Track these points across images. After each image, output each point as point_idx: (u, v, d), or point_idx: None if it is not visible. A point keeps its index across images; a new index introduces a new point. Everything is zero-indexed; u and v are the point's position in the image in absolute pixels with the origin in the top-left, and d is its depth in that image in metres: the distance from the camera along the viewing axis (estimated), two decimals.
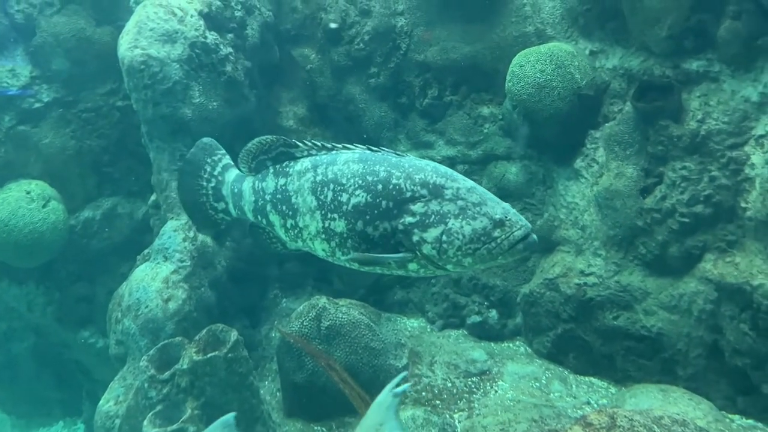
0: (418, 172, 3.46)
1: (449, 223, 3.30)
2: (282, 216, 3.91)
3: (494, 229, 3.24)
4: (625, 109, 5.62)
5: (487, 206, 3.31)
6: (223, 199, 4.27)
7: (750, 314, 4.80)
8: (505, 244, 3.22)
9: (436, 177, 3.42)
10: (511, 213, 3.29)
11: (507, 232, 3.23)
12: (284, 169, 3.90)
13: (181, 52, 5.99)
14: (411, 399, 5.58)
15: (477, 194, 3.36)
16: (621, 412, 3.58)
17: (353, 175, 3.59)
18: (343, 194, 3.59)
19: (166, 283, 5.60)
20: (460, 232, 3.27)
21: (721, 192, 5.05)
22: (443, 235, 3.30)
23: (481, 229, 3.25)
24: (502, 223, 3.24)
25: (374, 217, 3.47)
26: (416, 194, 3.39)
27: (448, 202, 3.34)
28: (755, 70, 5.02)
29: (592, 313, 5.64)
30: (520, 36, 6.47)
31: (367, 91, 7.40)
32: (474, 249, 3.26)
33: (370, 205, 3.49)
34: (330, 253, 3.74)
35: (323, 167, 3.73)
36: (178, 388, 4.81)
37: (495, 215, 3.26)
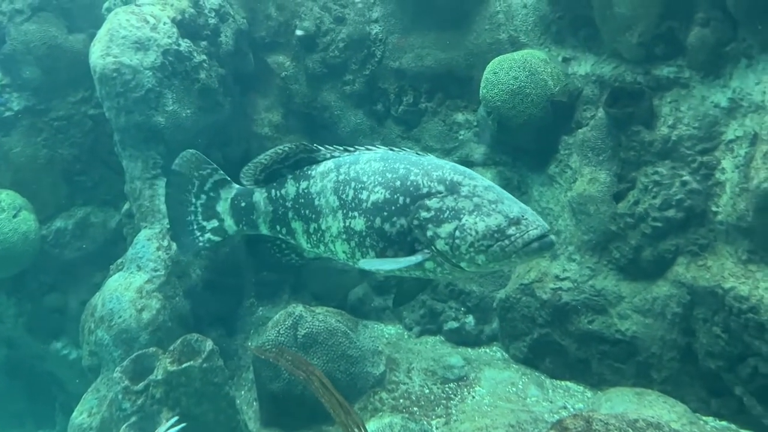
0: (436, 169, 3.49)
1: (463, 218, 3.30)
2: (305, 221, 3.87)
3: (509, 226, 3.22)
4: (597, 115, 5.68)
5: (504, 204, 3.31)
6: (217, 216, 4.13)
7: (722, 317, 4.85)
8: (519, 242, 3.20)
9: (453, 174, 3.44)
10: (529, 213, 3.28)
11: (522, 230, 3.21)
12: (306, 172, 3.88)
13: (154, 59, 5.95)
14: (389, 406, 5.57)
15: (494, 192, 3.37)
16: (596, 416, 3.60)
17: (374, 172, 3.61)
18: (363, 192, 3.61)
19: (139, 292, 5.54)
20: (473, 228, 3.26)
21: (692, 196, 5.11)
22: (456, 230, 3.29)
23: (495, 225, 3.24)
24: (518, 221, 3.23)
25: (391, 213, 3.49)
26: (432, 190, 3.41)
27: (464, 199, 3.35)
28: (724, 76, 5.09)
29: (567, 317, 5.68)
30: (493, 43, 6.52)
31: (343, 98, 7.40)
32: (487, 246, 3.24)
33: (387, 202, 3.51)
34: (350, 255, 3.73)
35: (346, 167, 3.74)
36: (153, 399, 4.76)
37: (510, 213, 3.26)
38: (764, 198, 4.45)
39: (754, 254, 4.75)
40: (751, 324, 4.61)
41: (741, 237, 4.81)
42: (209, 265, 6.34)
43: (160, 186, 5.98)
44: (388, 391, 5.74)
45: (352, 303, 7.34)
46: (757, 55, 4.85)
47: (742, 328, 4.68)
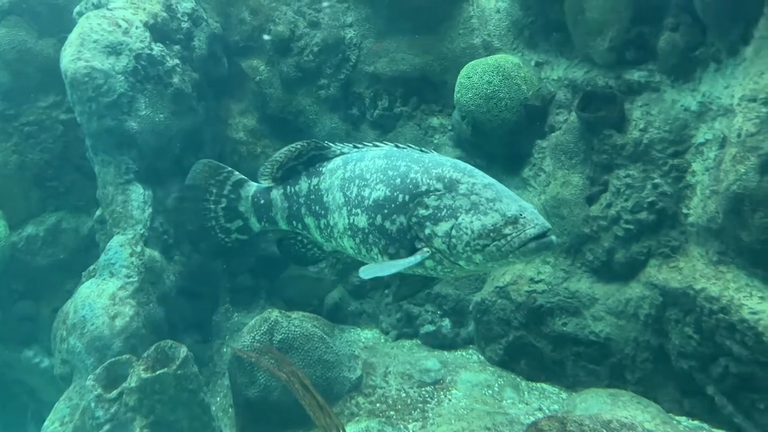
0: (436, 166, 3.47)
1: (460, 217, 3.27)
2: (316, 216, 3.95)
3: (506, 226, 3.17)
4: (570, 119, 5.73)
5: (502, 203, 3.25)
6: (241, 216, 4.26)
7: (694, 318, 4.92)
8: (515, 242, 3.15)
9: (453, 172, 3.42)
10: (528, 211, 3.22)
11: (519, 229, 3.15)
12: (317, 169, 3.96)
13: (126, 63, 5.90)
14: (365, 411, 5.56)
15: (493, 190, 3.32)
16: (571, 417, 3.63)
17: (377, 170, 3.63)
18: (366, 189, 3.64)
19: (112, 299, 5.48)
20: (469, 227, 3.24)
21: (663, 199, 5.18)
22: (453, 229, 3.28)
23: (491, 225, 3.20)
24: (515, 220, 3.18)
25: (391, 211, 3.50)
26: (431, 188, 3.40)
27: (462, 197, 3.32)
28: (694, 80, 5.17)
29: (542, 319, 5.72)
30: (467, 48, 6.55)
31: (318, 102, 7.39)
32: (483, 245, 3.21)
33: (388, 199, 3.53)
34: (357, 251, 3.76)
35: (352, 164, 3.78)
36: (127, 406, 4.71)
37: (508, 212, 3.20)
38: (734, 200, 4.52)
39: (724, 255, 4.82)
40: (722, 324, 4.67)
41: (711, 238, 4.88)
42: (183, 271, 6.29)
43: (133, 191, 5.93)
44: (365, 396, 5.74)
45: (329, 307, 7.33)
46: (725, 60, 4.93)
47: (714, 329, 4.74)
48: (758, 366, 4.51)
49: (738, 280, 4.71)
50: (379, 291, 7.31)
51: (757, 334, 4.44)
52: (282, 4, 7.37)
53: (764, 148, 4.31)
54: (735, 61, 4.84)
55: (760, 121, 4.36)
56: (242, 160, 7.46)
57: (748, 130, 4.43)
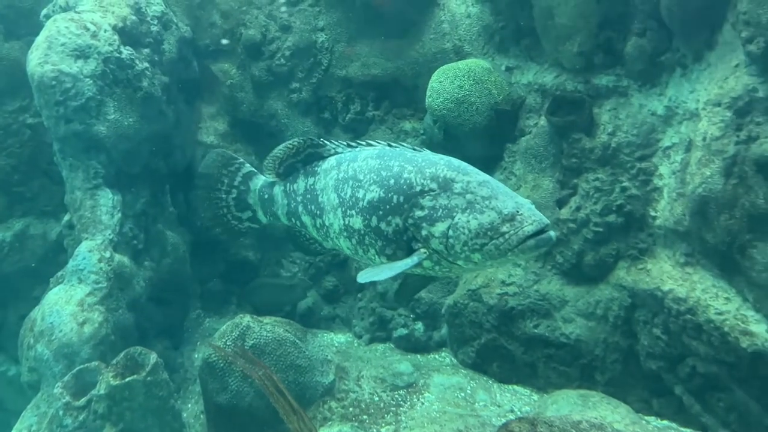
0: (430, 166, 3.43)
1: (456, 217, 3.22)
2: (312, 216, 3.94)
3: (503, 223, 3.12)
4: (540, 123, 5.79)
5: (498, 200, 3.20)
6: (250, 207, 4.32)
7: (662, 319, 4.99)
8: (513, 240, 3.09)
9: (447, 171, 3.37)
10: (525, 207, 3.16)
11: (516, 227, 3.10)
12: (313, 168, 3.94)
13: (95, 67, 5.83)
14: (338, 415, 5.55)
15: (488, 188, 3.27)
16: (541, 418, 3.65)
17: (370, 170, 3.59)
18: (360, 190, 3.61)
19: (81, 306, 5.39)
20: (466, 226, 3.18)
21: (631, 202, 5.25)
22: (450, 229, 3.23)
23: (488, 223, 3.14)
24: (512, 217, 3.12)
25: (386, 212, 3.46)
26: (426, 188, 3.36)
27: (457, 196, 3.27)
28: (660, 84, 5.25)
29: (513, 322, 5.76)
30: (438, 52, 6.59)
31: (290, 106, 7.38)
32: (481, 244, 3.16)
33: (382, 201, 3.48)
34: (354, 251, 3.73)
35: (346, 164, 3.75)
36: (96, 414, 4.65)
37: (504, 209, 3.14)
38: (699, 203, 4.60)
39: (691, 257, 4.90)
40: (690, 325, 4.75)
41: (678, 240, 4.97)
42: (153, 276, 6.22)
43: (101, 196, 5.86)
44: (338, 400, 5.72)
45: (302, 312, 7.31)
46: (691, 65, 5.02)
47: (681, 329, 4.82)
48: (724, 366, 4.59)
49: (704, 281, 4.79)
50: (352, 295, 7.31)
51: (723, 334, 4.52)
52: (253, 7, 7.35)
53: (729, 152, 4.40)
54: (700, 66, 4.94)
55: (725, 125, 4.45)
56: None
57: (713, 133, 4.51)
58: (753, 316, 4.46)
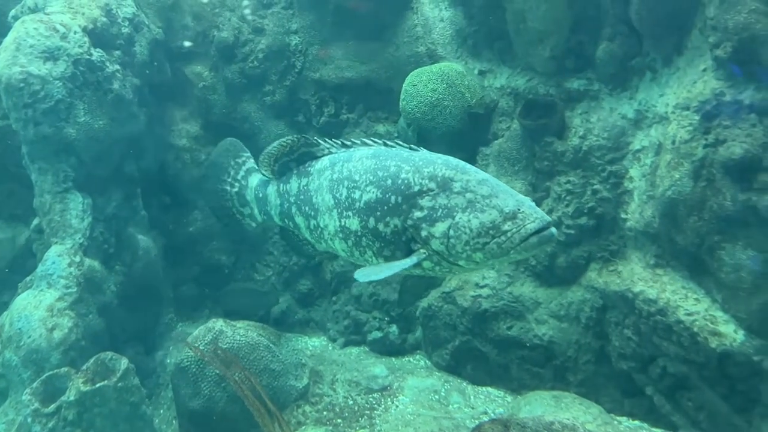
0: (427, 165, 3.36)
1: (456, 216, 3.16)
2: (306, 217, 3.87)
3: (504, 222, 3.06)
4: (512, 127, 5.83)
5: (498, 198, 3.14)
6: (248, 204, 4.26)
7: (633, 320, 5.05)
8: (515, 238, 3.03)
9: (445, 170, 3.30)
10: (526, 205, 3.11)
11: (518, 224, 3.04)
12: (306, 168, 3.88)
13: (64, 69, 5.75)
14: (312, 419, 5.53)
15: (488, 186, 3.21)
16: (514, 420, 3.67)
17: (366, 171, 3.52)
18: (356, 191, 3.53)
19: (50, 311, 5.32)
20: (467, 225, 3.12)
21: (603, 204, 5.30)
22: (450, 229, 3.16)
23: (490, 222, 3.08)
24: (514, 215, 3.06)
25: (384, 213, 3.39)
26: (424, 188, 3.29)
27: (457, 195, 3.20)
28: (631, 88, 5.32)
29: (487, 324, 5.78)
30: (412, 55, 6.60)
31: (263, 109, 7.35)
32: (483, 243, 3.10)
33: (380, 201, 3.41)
34: (349, 253, 3.66)
35: (340, 164, 3.68)
36: (65, 421, 4.59)
37: (506, 207, 3.09)
38: (669, 205, 4.66)
39: (661, 259, 4.97)
40: (660, 326, 4.81)
41: (649, 242, 5.03)
42: (124, 281, 6.15)
43: (71, 200, 5.78)
44: (312, 404, 5.71)
45: (276, 316, 7.28)
46: (660, 69, 5.09)
47: (652, 330, 4.88)
48: (694, 366, 4.65)
49: (674, 282, 4.86)
50: (326, 298, 7.29)
51: (693, 334, 4.58)
52: (226, 9, 7.30)
53: (697, 155, 4.46)
54: (669, 70, 5.01)
55: (693, 128, 4.52)
56: (185, 167, 7.35)
57: (681, 137, 4.58)
58: (722, 317, 4.53)
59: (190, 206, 7.47)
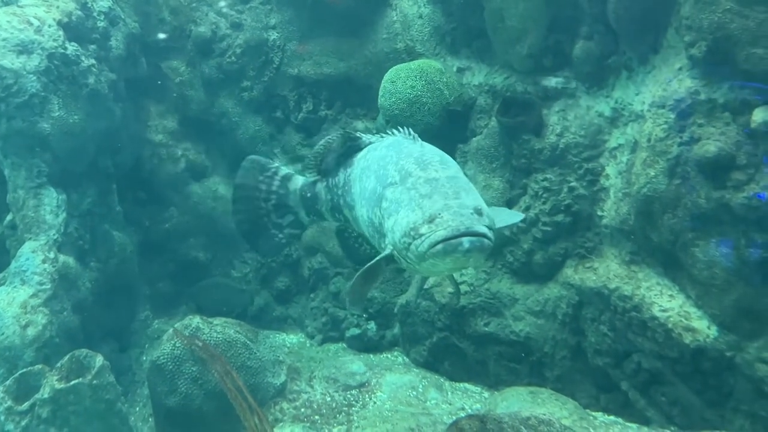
0: (405, 157, 3.29)
1: (399, 213, 3.07)
2: (349, 208, 3.81)
3: (423, 224, 2.90)
4: (490, 124, 5.85)
5: (431, 199, 2.98)
6: (291, 210, 4.18)
7: (608, 316, 5.10)
8: (425, 243, 2.86)
9: (411, 164, 3.22)
10: (451, 211, 2.89)
11: (432, 229, 2.85)
12: (351, 159, 3.84)
13: (38, 63, 5.67)
14: (290, 416, 5.51)
15: (431, 186, 3.05)
16: (491, 415, 3.69)
17: (377, 160, 3.48)
18: (368, 180, 3.49)
19: (24, 308, 5.24)
20: (400, 223, 3.02)
21: (579, 201, 5.34)
22: (394, 224, 3.08)
23: (413, 222, 2.94)
24: (432, 219, 2.88)
25: (374, 203, 3.33)
26: (391, 180, 3.23)
27: (405, 191, 3.11)
28: (607, 87, 5.36)
29: (465, 320, 5.81)
30: (391, 52, 6.60)
31: (241, 104, 7.31)
32: (407, 244, 2.96)
33: (372, 191, 3.38)
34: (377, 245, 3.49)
35: (370, 153, 3.64)
36: (39, 419, 4.53)
37: (429, 209, 2.92)
38: (644, 202, 4.71)
39: (636, 255, 5.02)
40: (635, 322, 4.87)
41: (624, 239, 5.08)
42: (100, 277, 6.08)
43: (45, 195, 5.70)
44: (289, 401, 5.69)
45: (253, 313, 7.25)
46: (636, 68, 5.13)
47: (627, 326, 4.93)
48: (668, 361, 4.71)
49: (649, 279, 4.92)
50: (304, 295, 7.27)
51: (667, 330, 4.64)
52: (203, 4, 7.25)
53: (672, 153, 4.52)
54: (645, 69, 5.06)
55: (668, 126, 4.57)
56: (162, 162, 7.29)
57: (657, 135, 4.63)
58: (695, 313, 4.59)
59: (166, 203, 7.41)
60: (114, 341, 6.29)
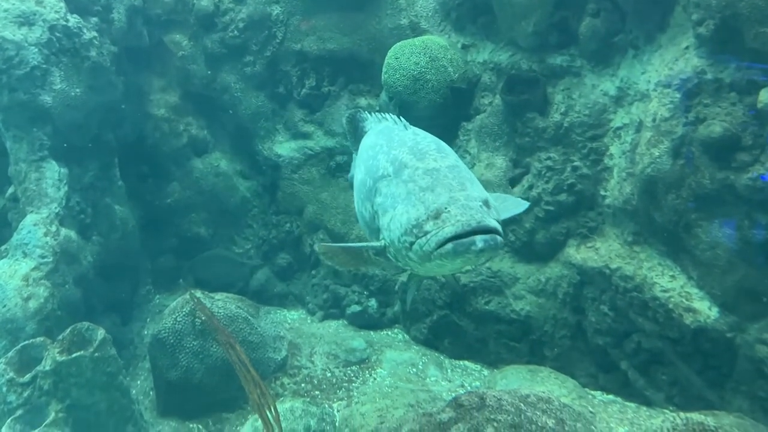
0: (397, 147, 3.05)
1: (397, 208, 2.80)
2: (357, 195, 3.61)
3: (428, 220, 2.64)
4: (495, 102, 5.81)
5: (433, 193, 2.72)
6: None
7: (609, 296, 5.10)
8: (432, 242, 2.59)
9: (406, 154, 2.97)
10: (458, 204, 2.63)
11: (438, 226, 2.59)
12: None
13: (40, 35, 5.63)
14: (290, 391, 5.55)
15: (432, 177, 2.80)
16: (490, 392, 3.71)
17: (367, 149, 3.29)
18: (358, 170, 3.31)
19: (26, 280, 5.25)
20: (399, 220, 2.76)
21: (582, 181, 5.32)
22: (391, 221, 2.82)
23: (415, 219, 2.67)
24: (437, 214, 2.62)
25: (365, 196, 3.12)
26: (385, 172, 2.99)
27: (402, 184, 2.85)
28: (613, 65, 5.31)
29: (465, 298, 5.81)
30: (395, 28, 6.54)
31: (243, 79, 7.26)
32: (410, 243, 2.70)
33: (363, 183, 3.18)
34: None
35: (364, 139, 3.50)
36: (41, 390, 4.55)
37: (433, 204, 2.66)
38: (648, 182, 4.69)
39: (638, 236, 5.01)
40: (636, 302, 4.87)
41: (627, 219, 5.06)
42: (101, 251, 6.08)
43: (47, 168, 5.69)
44: (290, 376, 5.72)
45: (254, 289, 7.26)
46: (643, 46, 5.08)
47: (628, 306, 4.93)
48: (668, 341, 4.72)
49: (651, 259, 4.91)
50: (305, 272, 7.28)
51: (668, 311, 4.64)
52: None
53: (677, 133, 4.49)
54: (652, 47, 5.00)
55: (674, 106, 4.53)
56: (164, 137, 7.27)
57: (662, 114, 4.60)
58: (697, 294, 4.59)
59: (168, 178, 7.40)
60: (116, 315, 6.31)
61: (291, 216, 7.34)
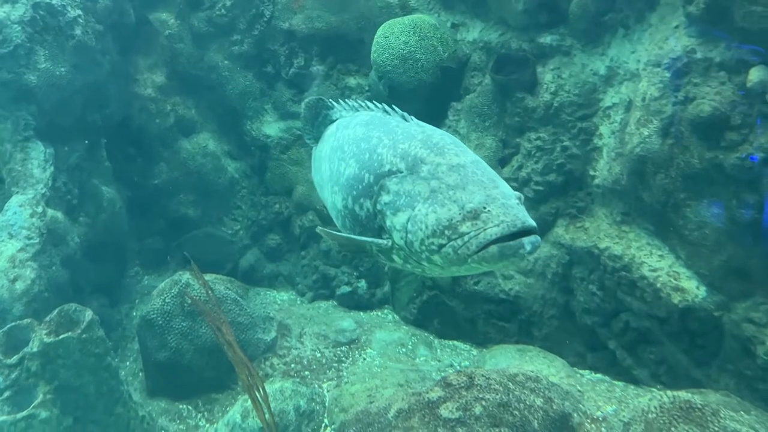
0: (405, 140, 2.82)
1: (416, 207, 2.59)
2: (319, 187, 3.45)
3: (463, 221, 2.45)
4: (484, 82, 5.78)
5: (465, 191, 2.52)
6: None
7: (598, 275, 5.11)
8: (472, 245, 2.41)
9: (419, 148, 2.75)
10: (497, 203, 2.46)
11: (478, 227, 2.41)
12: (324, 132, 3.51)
13: (23, 13, 5.55)
14: (280, 371, 5.55)
15: (459, 174, 2.60)
16: (479, 372, 3.72)
17: (353, 140, 3.05)
18: (342, 163, 3.06)
19: (12, 262, 5.21)
20: (423, 221, 2.54)
21: (572, 161, 5.31)
22: (409, 222, 2.60)
23: (447, 219, 2.48)
24: (476, 214, 2.44)
25: (359, 193, 2.90)
26: (394, 168, 2.75)
27: (422, 181, 2.63)
28: (603, 45, 5.29)
29: (454, 279, 5.82)
30: (384, 7, 6.48)
31: (231, 58, 7.19)
32: (439, 245, 2.50)
33: (356, 179, 2.93)
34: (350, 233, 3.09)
35: (340, 131, 3.25)
36: (29, 372, 4.52)
37: (468, 203, 2.47)
38: (637, 162, 4.69)
39: (627, 216, 5.01)
40: (624, 281, 4.88)
41: (616, 199, 5.07)
42: (88, 232, 6.04)
43: (32, 149, 5.62)
44: (280, 357, 5.73)
45: (244, 270, 7.24)
46: (633, 25, 5.06)
47: (616, 286, 4.95)
48: (656, 321, 4.75)
49: (639, 239, 4.92)
50: (295, 253, 7.27)
51: (656, 290, 4.66)
52: None
53: (666, 112, 4.48)
54: (642, 26, 4.98)
55: (663, 85, 4.52)
56: (151, 117, 7.19)
57: (652, 94, 4.58)
58: (685, 273, 4.61)
59: (155, 158, 7.34)
60: (104, 296, 6.28)
61: (280, 197, 7.31)
